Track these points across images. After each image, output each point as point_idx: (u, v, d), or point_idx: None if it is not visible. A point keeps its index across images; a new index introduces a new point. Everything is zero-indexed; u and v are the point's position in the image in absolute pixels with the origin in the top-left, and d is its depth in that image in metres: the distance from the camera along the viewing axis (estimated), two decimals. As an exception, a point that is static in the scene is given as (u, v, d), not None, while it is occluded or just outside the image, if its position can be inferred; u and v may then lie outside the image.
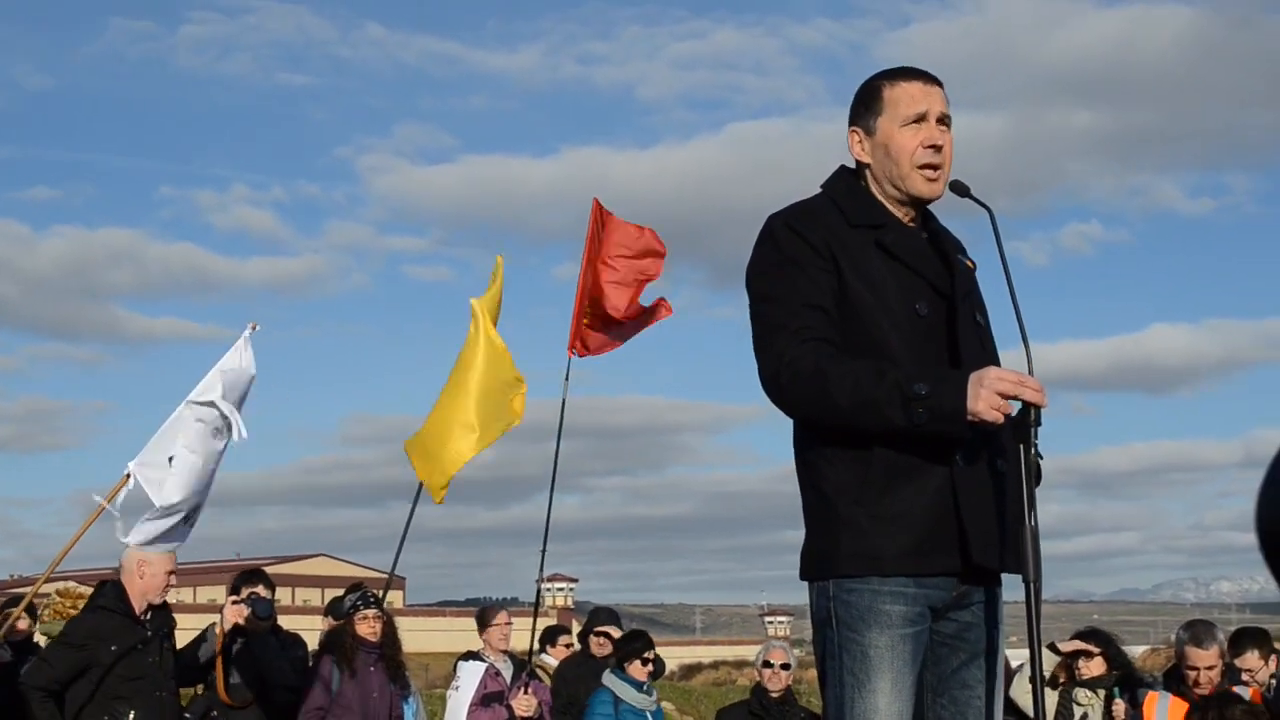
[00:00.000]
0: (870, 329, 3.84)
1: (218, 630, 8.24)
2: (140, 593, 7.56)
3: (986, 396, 3.63)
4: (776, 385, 3.85)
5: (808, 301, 3.85)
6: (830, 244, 3.90)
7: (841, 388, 3.72)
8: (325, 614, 9.78)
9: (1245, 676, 8.09)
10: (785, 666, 9.52)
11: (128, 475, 7.36)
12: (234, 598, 8.37)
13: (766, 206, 4.10)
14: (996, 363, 4.02)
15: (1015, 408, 3.72)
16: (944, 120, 4.03)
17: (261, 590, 8.50)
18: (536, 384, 9.17)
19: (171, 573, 7.63)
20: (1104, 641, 8.42)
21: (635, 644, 9.71)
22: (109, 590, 7.65)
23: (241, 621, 8.24)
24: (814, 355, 3.77)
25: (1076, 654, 8.29)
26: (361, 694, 8.74)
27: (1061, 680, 8.27)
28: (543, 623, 11.74)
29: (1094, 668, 8.25)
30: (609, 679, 9.47)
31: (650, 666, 9.52)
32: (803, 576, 3.97)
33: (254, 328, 7.77)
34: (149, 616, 7.58)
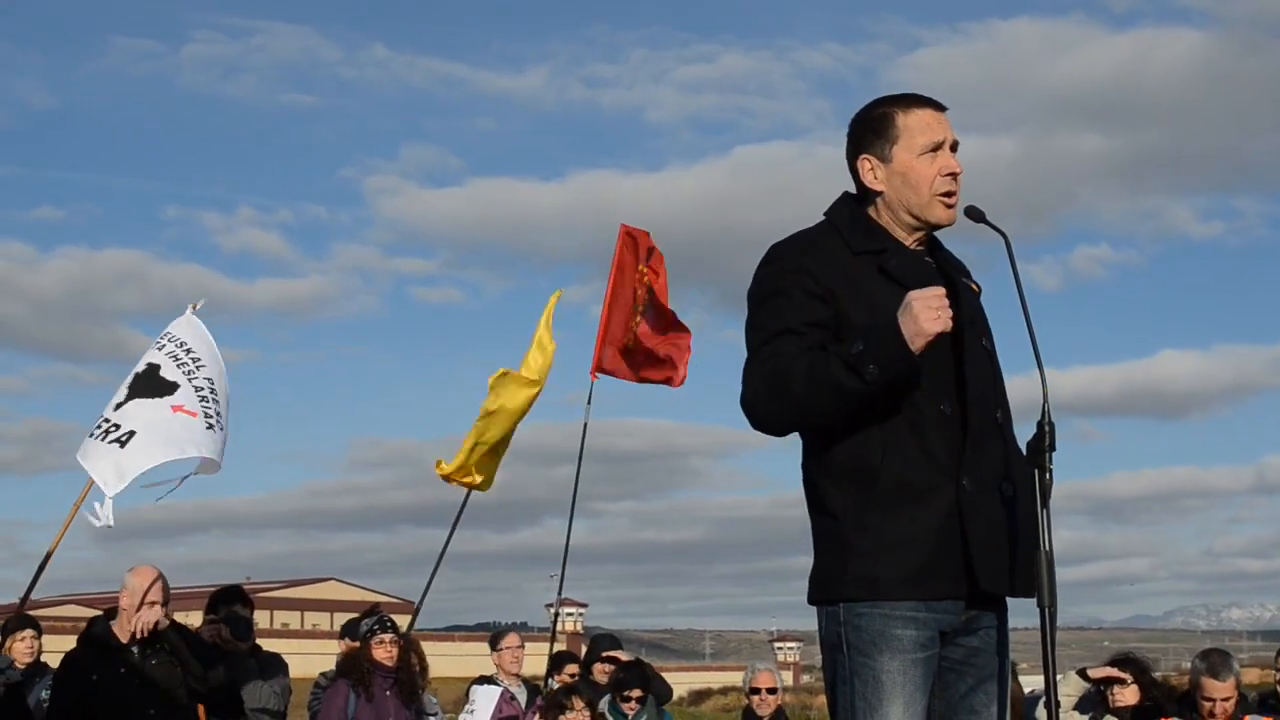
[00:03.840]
0: None
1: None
2: (125, 621, 7.52)
3: (923, 312, 3.68)
4: (746, 404, 3.89)
5: (787, 328, 3.87)
6: (829, 273, 3.91)
7: (795, 379, 3.76)
8: (342, 636, 9.77)
9: None
10: (772, 690, 9.47)
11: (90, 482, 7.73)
12: (210, 616, 8.32)
13: (774, 229, 4.12)
14: (1003, 387, 4.06)
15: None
16: (954, 147, 4.06)
17: (240, 609, 8.43)
18: (546, 409, 9.24)
19: (156, 602, 7.46)
20: (1139, 669, 8.14)
21: (625, 676, 9.69)
22: (97, 623, 7.71)
23: (219, 642, 8.18)
24: (774, 363, 3.81)
25: (1109, 681, 8.03)
26: (377, 718, 8.74)
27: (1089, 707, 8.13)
28: (554, 647, 11.73)
29: (1128, 696, 7.95)
30: (605, 707, 9.49)
31: (634, 704, 9.44)
32: (811, 601, 3.97)
33: (196, 306, 8.35)
34: (139, 640, 7.51)
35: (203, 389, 8.16)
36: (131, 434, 7.98)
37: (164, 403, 8.08)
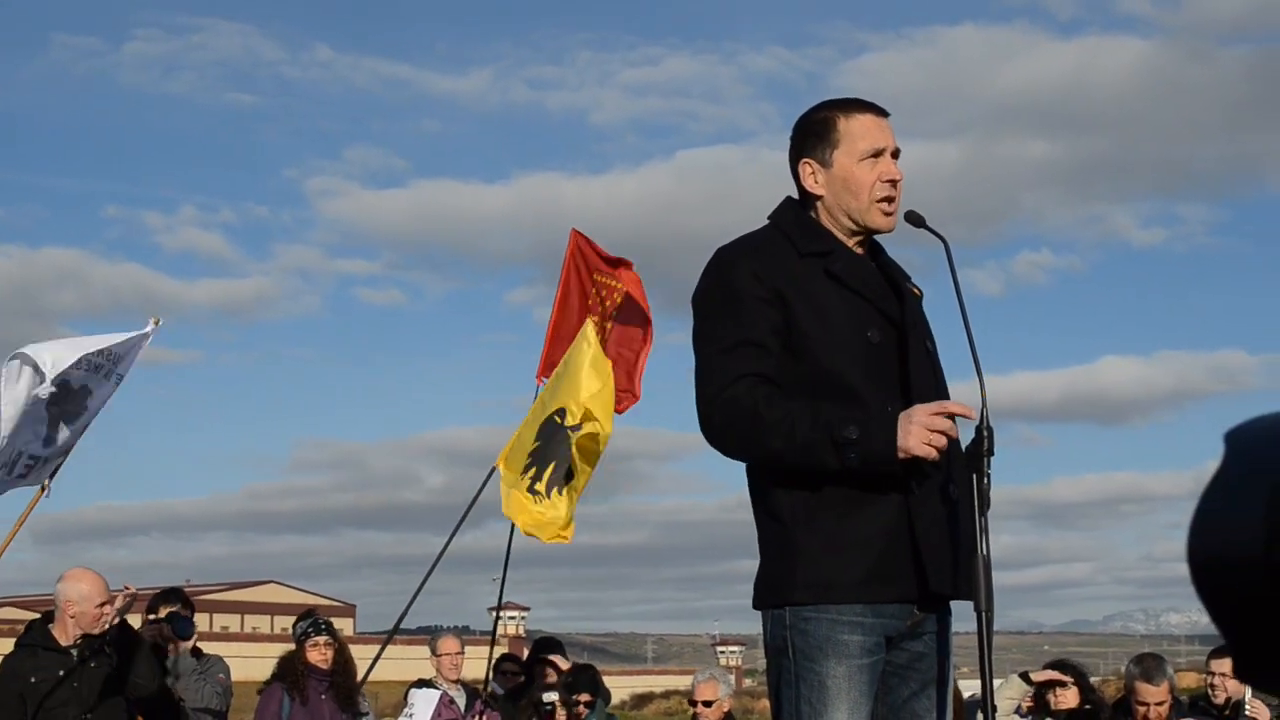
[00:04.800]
0: (822, 359, 3.84)
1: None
2: (69, 627, 7.52)
3: (917, 433, 3.66)
4: (710, 426, 3.85)
5: (746, 338, 3.84)
6: (777, 276, 3.90)
7: (775, 432, 3.72)
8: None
9: (1216, 680, 8.16)
10: (708, 704, 9.39)
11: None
12: (152, 617, 8.30)
13: (719, 233, 4.10)
14: (946, 390, 4.06)
15: (946, 441, 3.72)
16: (896, 154, 4.06)
17: (180, 609, 8.41)
18: (493, 411, 9.20)
19: (105, 603, 7.52)
20: (1076, 673, 8.30)
21: (575, 680, 9.65)
22: (34, 626, 7.71)
23: (160, 641, 8.15)
24: (749, 396, 3.77)
25: (1049, 684, 8.15)
26: (312, 721, 8.69)
27: (1028, 708, 8.21)
28: (495, 651, 11.71)
29: (1068, 699, 8.09)
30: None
31: (583, 708, 9.41)
32: (756, 605, 3.94)
33: (156, 323, 8.09)
34: (78, 644, 7.51)
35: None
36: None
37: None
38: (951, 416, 3.74)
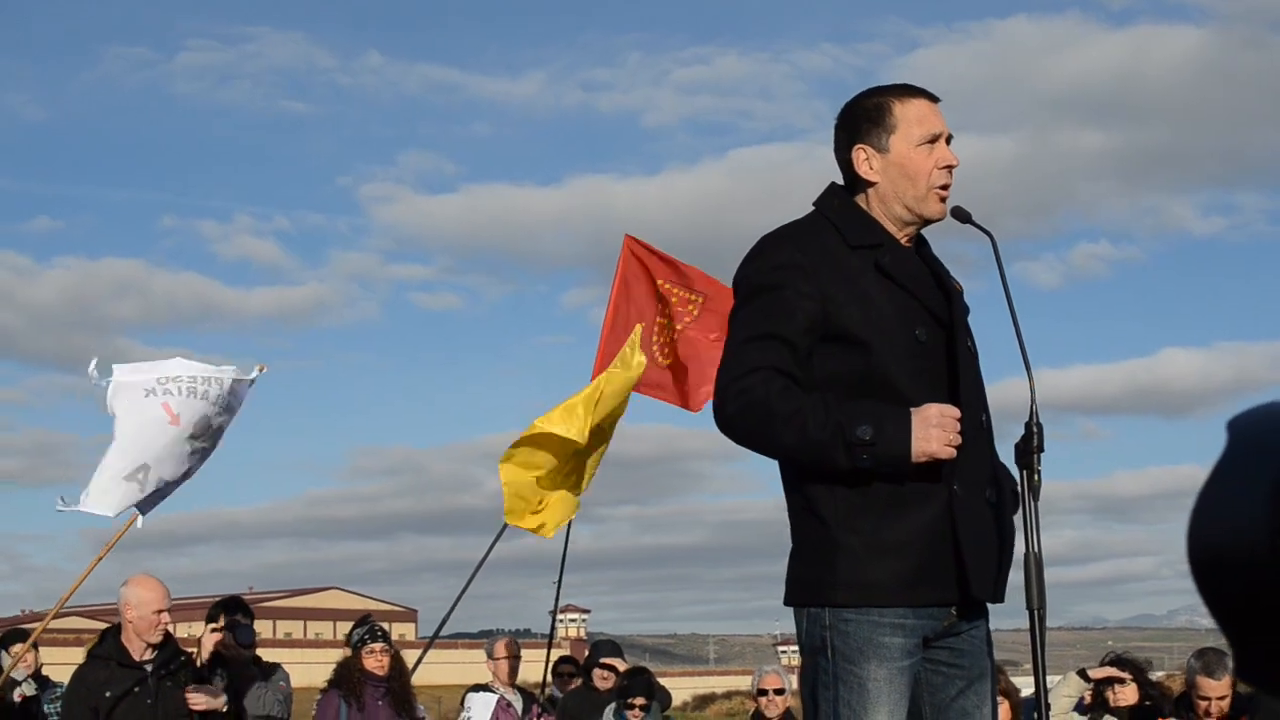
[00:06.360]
0: (869, 357, 3.77)
1: (196, 660, 8.16)
2: (134, 635, 7.56)
3: (939, 435, 3.63)
4: (722, 414, 3.79)
5: (774, 331, 3.76)
6: (823, 269, 3.82)
7: (787, 427, 3.66)
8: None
9: None
10: (780, 691, 9.52)
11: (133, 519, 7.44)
12: (213, 625, 8.34)
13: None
14: (984, 390, 4.00)
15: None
16: (949, 140, 3.99)
17: (240, 618, 8.45)
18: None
19: (162, 610, 7.56)
20: (1135, 669, 8.27)
21: (630, 684, 9.67)
22: (107, 637, 7.72)
23: (221, 649, 8.20)
24: (763, 388, 3.70)
25: (1108, 681, 8.13)
26: (369, 728, 8.73)
27: (1088, 704, 8.17)
28: (555, 654, 11.73)
29: (1128, 695, 8.07)
30: (610, 714, 9.48)
31: (639, 712, 9.44)
32: (790, 602, 3.88)
33: (262, 369, 7.92)
34: (151, 656, 7.56)
35: (206, 416, 7.60)
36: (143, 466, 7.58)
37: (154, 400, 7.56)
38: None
